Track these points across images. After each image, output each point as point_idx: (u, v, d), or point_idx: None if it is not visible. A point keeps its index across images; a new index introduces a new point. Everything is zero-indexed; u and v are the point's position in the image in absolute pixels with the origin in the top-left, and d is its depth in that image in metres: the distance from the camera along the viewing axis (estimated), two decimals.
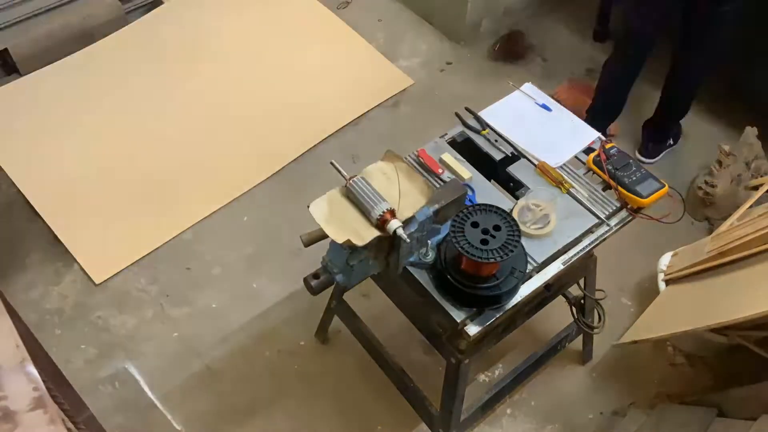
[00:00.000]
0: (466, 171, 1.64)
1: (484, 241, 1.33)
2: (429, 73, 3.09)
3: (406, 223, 1.29)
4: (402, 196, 1.35)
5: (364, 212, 1.31)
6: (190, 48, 3.06)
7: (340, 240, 1.27)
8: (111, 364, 2.20)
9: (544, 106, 1.82)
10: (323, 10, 3.28)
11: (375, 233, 1.29)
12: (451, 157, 1.66)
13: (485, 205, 1.38)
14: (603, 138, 1.74)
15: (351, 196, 1.34)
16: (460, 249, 1.31)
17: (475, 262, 1.33)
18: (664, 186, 1.62)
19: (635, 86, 2.60)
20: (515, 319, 1.68)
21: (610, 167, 1.63)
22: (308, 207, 1.31)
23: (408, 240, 1.28)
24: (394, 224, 1.26)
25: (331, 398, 2.14)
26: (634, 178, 1.61)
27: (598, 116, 2.61)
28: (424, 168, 1.65)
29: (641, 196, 1.58)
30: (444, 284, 1.43)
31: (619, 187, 1.61)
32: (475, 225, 1.35)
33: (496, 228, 1.34)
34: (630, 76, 2.57)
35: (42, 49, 2.93)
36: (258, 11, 3.24)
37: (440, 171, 1.63)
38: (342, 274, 1.36)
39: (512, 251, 1.31)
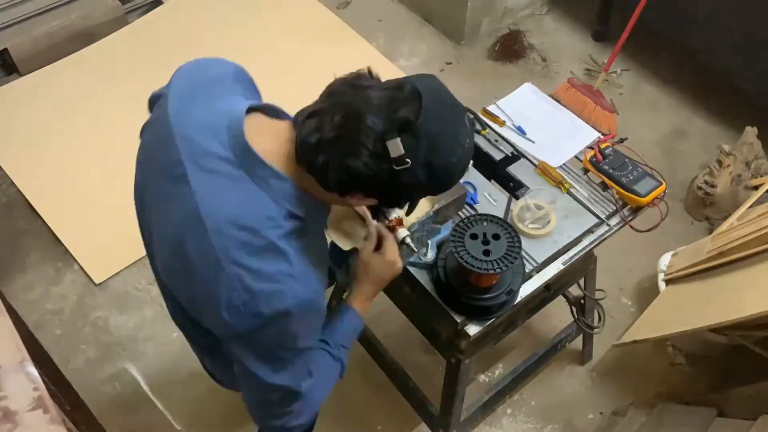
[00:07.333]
0: None
1: (486, 252, 1.29)
2: (429, 73, 3.09)
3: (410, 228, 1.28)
4: None
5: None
6: (190, 48, 3.05)
7: (346, 248, 1.26)
8: (111, 364, 2.20)
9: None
10: (323, 10, 3.28)
11: None
12: None
13: (484, 215, 1.36)
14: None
15: None
16: (462, 262, 1.27)
17: (477, 274, 1.28)
18: (662, 183, 1.60)
19: None
20: (515, 319, 1.68)
21: (606, 167, 1.63)
22: None
23: (416, 249, 1.26)
24: (401, 233, 1.25)
25: (331, 398, 2.13)
26: (632, 177, 1.59)
27: None
28: None
29: (640, 195, 1.57)
30: (444, 289, 1.42)
31: (617, 187, 1.60)
32: (474, 237, 1.31)
33: (496, 237, 1.30)
34: None
35: (42, 49, 2.93)
36: (258, 11, 3.24)
37: None
38: (342, 274, 1.36)
39: (513, 262, 1.27)
